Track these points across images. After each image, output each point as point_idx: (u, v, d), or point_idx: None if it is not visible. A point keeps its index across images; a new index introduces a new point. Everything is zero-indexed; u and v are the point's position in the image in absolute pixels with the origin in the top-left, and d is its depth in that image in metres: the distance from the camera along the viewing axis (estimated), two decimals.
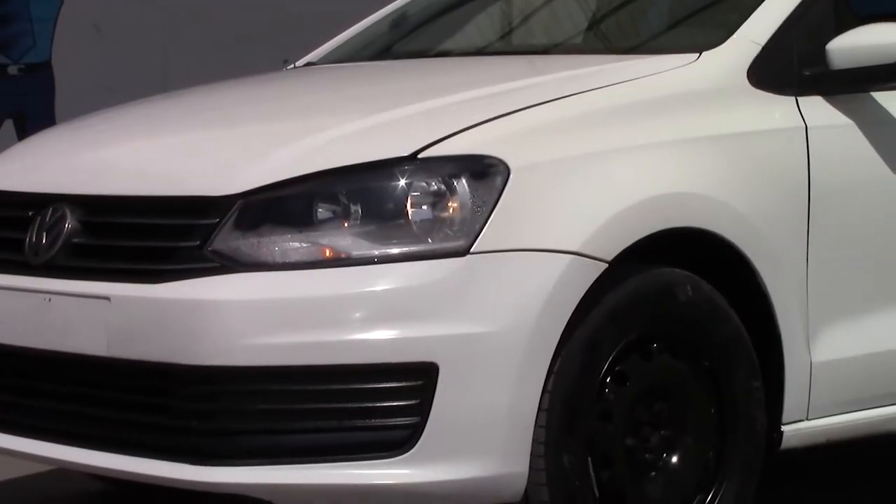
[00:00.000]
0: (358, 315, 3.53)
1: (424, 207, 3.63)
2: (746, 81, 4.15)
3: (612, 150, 3.86)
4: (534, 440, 3.61)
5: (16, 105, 8.24)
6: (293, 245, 3.62)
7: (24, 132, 7.84)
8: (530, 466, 3.62)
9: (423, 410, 3.52)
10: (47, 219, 3.90)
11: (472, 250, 3.58)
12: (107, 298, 3.69)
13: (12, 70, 8.27)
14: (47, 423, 3.86)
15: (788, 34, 4.24)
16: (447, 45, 5.20)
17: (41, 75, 8.26)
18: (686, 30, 4.72)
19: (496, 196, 3.63)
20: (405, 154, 3.67)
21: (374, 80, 4.72)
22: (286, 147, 3.79)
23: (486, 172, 3.66)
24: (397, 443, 3.53)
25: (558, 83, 4.05)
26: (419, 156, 3.67)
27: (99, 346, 3.69)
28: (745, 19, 4.26)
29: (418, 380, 3.53)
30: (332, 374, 3.53)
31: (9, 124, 8.18)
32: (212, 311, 3.56)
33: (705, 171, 3.98)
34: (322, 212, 3.64)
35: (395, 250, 3.59)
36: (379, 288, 3.55)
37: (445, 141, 3.69)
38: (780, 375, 4.06)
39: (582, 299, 3.66)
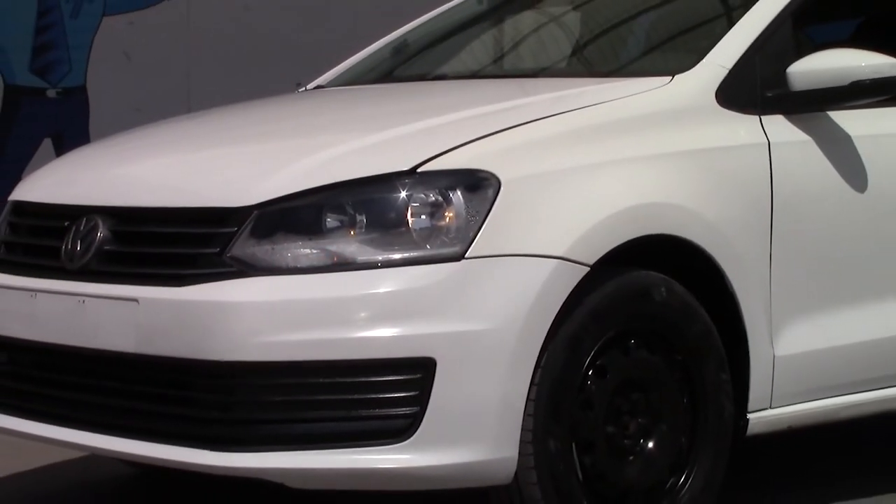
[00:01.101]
0: (363, 314, 3.52)
1: (423, 217, 3.62)
2: (715, 102, 4.14)
3: (594, 165, 3.85)
4: (523, 428, 3.61)
5: (54, 125, 8.23)
6: (304, 251, 3.61)
7: (61, 150, 7.82)
8: (520, 452, 3.61)
9: (422, 401, 3.51)
10: (81, 228, 3.89)
11: (466, 255, 3.58)
12: (135, 300, 3.68)
13: (51, 93, 8.26)
14: (81, 414, 3.84)
15: (752, 59, 4.23)
16: (444, 69, 5.19)
17: (77, 98, 8.25)
18: (660, 55, 4.72)
19: (488, 206, 3.63)
20: (405, 168, 3.66)
21: (378, 101, 4.71)
22: (298, 162, 3.78)
23: (478, 185, 3.65)
24: (399, 431, 3.52)
25: (545, 104, 4.05)
26: (418, 170, 3.66)
27: (128, 343, 3.68)
28: (714, 45, 4.25)
29: (418, 373, 3.52)
30: (339, 368, 3.52)
31: (47, 143, 8.17)
32: (230, 311, 3.55)
33: (678, 183, 3.97)
34: (330, 221, 3.63)
35: (396, 256, 3.58)
36: (382, 290, 3.54)
37: (442, 156, 3.69)
38: (746, 368, 4.06)
39: (566, 300, 3.65)
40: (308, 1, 8.21)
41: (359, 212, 3.62)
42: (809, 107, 4.27)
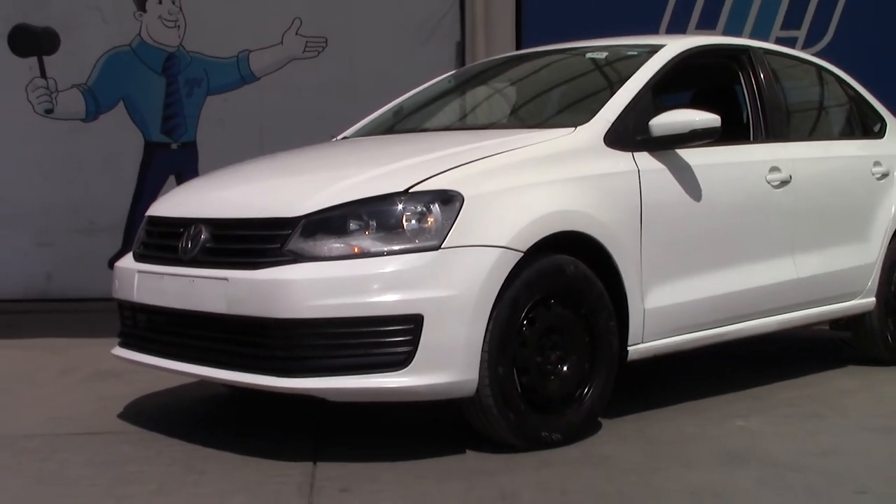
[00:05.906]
0: (375, 286, 3.49)
1: (413, 221, 3.58)
2: (603, 144, 4.11)
3: (526, 185, 3.81)
4: (481, 359, 3.58)
5: (176, 167, 8.22)
6: (336, 245, 3.56)
7: (180, 183, 7.78)
8: (479, 375, 3.58)
9: (414, 343, 3.48)
10: (191, 232, 3.85)
11: (442, 247, 3.55)
12: (226, 279, 3.65)
13: (174, 146, 8.24)
14: (193, 354, 3.81)
15: (627, 115, 4.21)
16: (427, 124, 5.14)
17: (190, 149, 8.23)
18: (568, 113, 4.67)
19: (456, 214, 3.60)
20: (402, 189, 3.63)
21: (384, 146, 4.66)
22: (331, 187, 3.73)
23: (450, 200, 3.62)
24: (399, 362, 3.49)
25: (493, 145, 4.00)
26: (410, 190, 3.62)
27: (222, 307, 3.64)
28: (602, 107, 4.23)
29: (411, 325, 3.49)
30: (360, 321, 3.48)
31: (171, 179, 8.17)
32: (288, 286, 3.51)
33: (581, 197, 3.94)
34: (352, 225, 3.59)
35: (396, 247, 3.54)
36: (387, 270, 3.50)
37: (426, 181, 3.65)
38: (626, 317, 4.03)
39: (508, 274, 3.63)
40: (340, 82, 8.17)
41: (371, 219, 3.58)
42: (664, 146, 4.25)
